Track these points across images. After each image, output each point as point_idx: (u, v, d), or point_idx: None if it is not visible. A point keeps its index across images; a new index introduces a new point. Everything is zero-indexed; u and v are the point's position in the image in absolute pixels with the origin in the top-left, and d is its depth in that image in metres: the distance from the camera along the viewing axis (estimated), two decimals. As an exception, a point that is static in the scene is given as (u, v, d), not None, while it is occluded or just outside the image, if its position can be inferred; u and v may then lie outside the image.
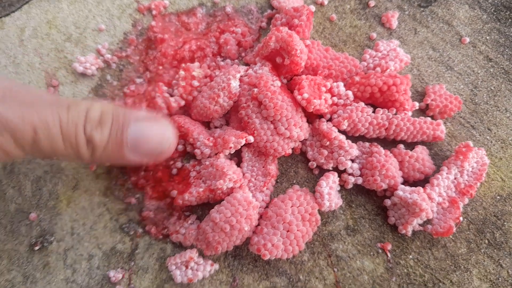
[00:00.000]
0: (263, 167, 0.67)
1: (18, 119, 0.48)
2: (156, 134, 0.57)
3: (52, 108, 0.51)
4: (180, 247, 0.65)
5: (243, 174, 0.66)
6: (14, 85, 0.53)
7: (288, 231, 0.60)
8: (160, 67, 0.73)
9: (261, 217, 0.63)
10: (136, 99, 0.71)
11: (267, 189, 0.66)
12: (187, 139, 0.66)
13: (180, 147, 0.68)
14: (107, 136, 0.53)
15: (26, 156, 0.53)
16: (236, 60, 0.74)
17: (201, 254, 0.63)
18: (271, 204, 0.63)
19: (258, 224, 0.62)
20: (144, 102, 0.70)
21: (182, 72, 0.69)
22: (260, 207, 0.65)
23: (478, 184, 0.65)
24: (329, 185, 0.63)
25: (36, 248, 0.65)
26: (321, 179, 0.63)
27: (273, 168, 0.67)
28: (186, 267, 0.62)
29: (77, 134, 0.51)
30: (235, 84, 0.66)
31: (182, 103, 0.69)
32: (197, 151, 0.66)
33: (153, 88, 0.70)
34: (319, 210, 0.62)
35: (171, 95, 0.70)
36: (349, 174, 0.66)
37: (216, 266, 0.63)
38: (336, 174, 0.65)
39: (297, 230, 0.60)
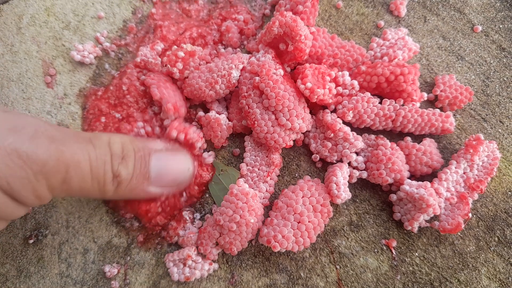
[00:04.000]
0: (267, 156, 0.65)
1: (53, 161, 0.47)
2: (177, 164, 0.59)
3: (79, 144, 0.50)
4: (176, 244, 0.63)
5: (246, 164, 0.65)
6: (41, 122, 0.51)
7: (299, 222, 0.58)
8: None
9: (271, 208, 0.61)
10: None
11: (270, 179, 0.64)
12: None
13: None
14: (132, 171, 0.54)
15: (54, 197, 0.53)
16: (238, 49, 0.71)
17: (200, 252, 0.61)
18: (282, 194, 0.61)
19: (268, 216, 0.60)
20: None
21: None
22: (264, 198, 0.63)
23: (489, 179, 0.62)
24: (344, 175, 0.61)
25: (31, 241, 0.63)
26: (335, 170, 0.61)
27: (276, 157, 0.65)
28: (184, 264, 0.60)
29: (106, 171, 0.52)
30: (236, 74, 0.63)
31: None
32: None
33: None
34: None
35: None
36: (354, 168, 0.64)
37: (215, 265, 0.61)
38: (347, 165, 0.63)
39: (309, 222, 0.58)
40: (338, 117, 0.64)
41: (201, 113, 0.66)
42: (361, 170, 0.63)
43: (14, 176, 0.45)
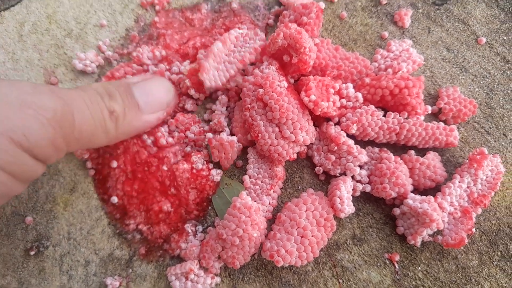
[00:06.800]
0: (270, 169, 0.64)
1: (60, 107, 0.49)
2: (158, 87, 0.63)
3: (73, 92, 0.53)
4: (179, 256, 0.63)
5: (249, 177, 0.65)
6: (33, 83, 0.54)
7: (302, 236, 0.57)
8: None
9: (274, 221, 0.61)
10: None
11: (274, 192, 0.64)
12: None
13: None
14: (122, 104, 0.56)
15: (67, 152, 0.54)
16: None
17: (202, 266, 0.61)
18: (285, 208, 0.61)
19: (271, 229, 0.60)
20: None
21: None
22: (266, 211, 0.63)
23: (492, 193, 0.62)
24: (347, 189, 0.61)
25: (32, 252, 0.63)
26: (339, 183, 0.61)
27: (280, 170, 0.64)
28: (186, 278, 0.59)
29: (102, 109, 0.54)
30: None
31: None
32: None
33: None
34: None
35: None
36: (357, 181, 0.63)
37: (218, 279, 0.61)
38: (350, 178, 0.62)
39: (312, 236, 0.57)
40: (342, 130, 0.63)
41: (209, 135, 0.65)
42: (364, 184, 0.63)
43: (30, 127, 0.46)
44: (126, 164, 0.65)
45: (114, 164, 0.65)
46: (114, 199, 0.64)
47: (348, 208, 0.59)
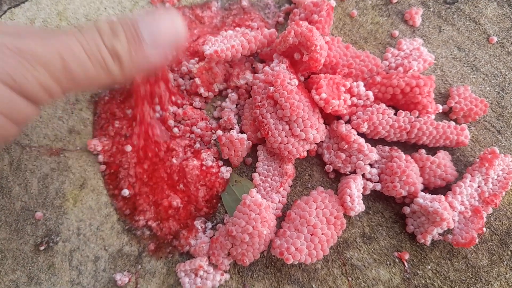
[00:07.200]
0: (279, 166, 0.64)
1: (43, 50, 0.48)
2: (166, 21, 0.58)
3: (66, 35, 0.51)
4: (188, 253, 0.63)
5: (259, 174, 0.65)
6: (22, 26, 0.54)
7: (312, 234, 0.57)
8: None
9: (283, 219, 0.61)
10: None
11: (283, 189, 0.64)
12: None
13: None
14: (126, 42, 0.53)
15: (65, 92, 0.52)
16: (251, 57, 0.71)
17: (211, 263, 0.61)
18: (294, 206, 0.61)
19: (281, 227, 0.60)
20: None
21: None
22: (276, 208, 0.63)
23: (503, 193, 0.62)
24: (358, 187, 0.60)
25: (42, 248, 0.63)
26: (349, 182, 0.60)
27: (290, 167, 0.64)
28: (196, 275, 0.59)
29: (101, 50, 0.52)
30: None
31: None
32: None
33: None
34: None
35: None
36: (368, 179, 0.63)
37: (227, 276, 0.61)
38: (361, 177, 0.62)
39: (322, 234, 0.57)
40: (352, 128, 0.63)
41: (219, 132, 0.65)
42: (374, 182, 0.63)
43: (15, 69, 0.46)
44: (139, 137, 0.65)
45: (128, 148, 0.65)
46: (126, 192, 0.64)
47: (358, 206, 0.59)
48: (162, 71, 0.65)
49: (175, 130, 0.66)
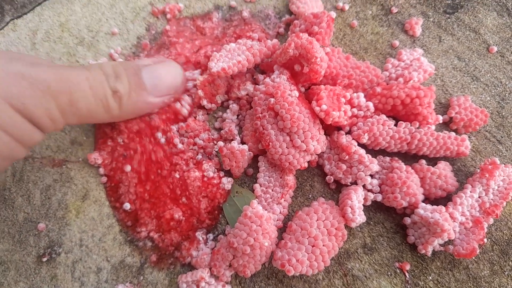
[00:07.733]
0: (281, 177, 0.65)
1: (56, 81, 0.52)
2: (168, 72, 0.64)
3: (75, 69, 0.55)
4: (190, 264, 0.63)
5: (260, 185, 0.65)
6: (34, 56, 0.60)
7: (313, 246, 0.57)
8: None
9: (285, 230, 0.61)
10: None
11: (284, 200, 0.64)
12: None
13: None
14: (127, 84, 0.58)
15: (66, 124, 0.57)
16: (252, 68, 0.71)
17: (213, 274, 0.61)
18: (296, 217, 0.61)
19: (282, 238, 0.60)
20: None
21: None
22: (277, 220, 0.63)
23: (504, 203, 0.62)
24: (358, 198, 0.61)
25: (44, 259, 0.63)
26: (350, 193, 0.60)
27: (291, 178, 0.64)
28: (197, 286, 0.59)
29: (104, 88, 0.56)
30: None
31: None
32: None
33: None
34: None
35: None
36: (368, 190, 0.63)
37: (229, 287, 0.61)
38: (362, 188, 0.62)
39: (323, 245, 0.57)
40: (353, 139, 0.64)
41: (220, 143, 0.65)
42: (375, 193, 0.63)
43: (27, 96, 0.50)
44: (140, 164, 0.66)
45: (128, 168, 0.65)
46: (127, 206, 0.64)
47: (359, 217, 0.59)
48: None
49: (180, 146, 0.66)
